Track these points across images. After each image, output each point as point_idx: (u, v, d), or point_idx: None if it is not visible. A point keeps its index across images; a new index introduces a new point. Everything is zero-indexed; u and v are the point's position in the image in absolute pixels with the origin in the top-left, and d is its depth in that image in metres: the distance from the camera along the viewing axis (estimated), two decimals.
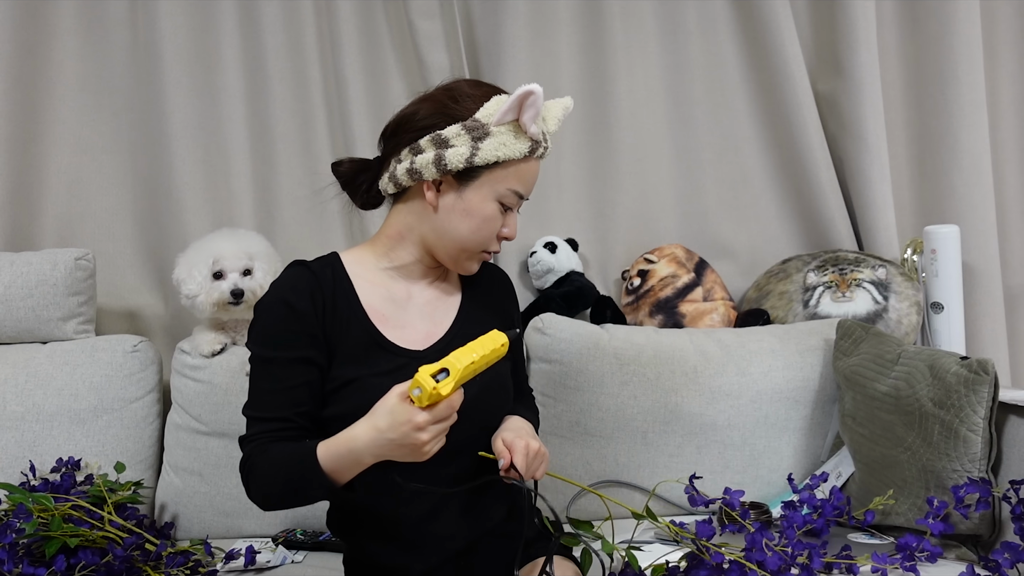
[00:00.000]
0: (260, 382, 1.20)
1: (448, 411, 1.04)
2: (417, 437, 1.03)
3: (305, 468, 1.10)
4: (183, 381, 1.82)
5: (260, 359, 1.20)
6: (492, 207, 1.22)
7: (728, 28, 2.21)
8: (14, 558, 1.38)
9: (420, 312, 1.29)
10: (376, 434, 1.05)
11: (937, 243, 2.04)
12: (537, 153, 1.23)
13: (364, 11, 2.13)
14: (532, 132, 1.20)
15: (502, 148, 1.19)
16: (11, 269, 1.84)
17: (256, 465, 1.16)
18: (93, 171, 2.12)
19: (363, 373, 1.20)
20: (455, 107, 1.21)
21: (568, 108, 1.29)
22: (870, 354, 1.71)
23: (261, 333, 1.20)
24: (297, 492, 1.13)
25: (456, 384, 1.03)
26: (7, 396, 1.76)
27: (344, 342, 1.21)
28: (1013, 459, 1.50)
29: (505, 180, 1.21)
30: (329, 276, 1.24)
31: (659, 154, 2.22)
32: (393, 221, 1.29)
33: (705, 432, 1.82)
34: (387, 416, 1.04)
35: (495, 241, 1.26)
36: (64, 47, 2.09)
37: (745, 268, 2.24)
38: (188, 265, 1.78)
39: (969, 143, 2.17)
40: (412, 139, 1.22)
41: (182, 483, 1.80)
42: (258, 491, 1.17)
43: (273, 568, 1.61)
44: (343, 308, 1.22)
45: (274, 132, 2.13)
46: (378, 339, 1.23)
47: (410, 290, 1.30)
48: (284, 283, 1.22)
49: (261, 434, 1.17)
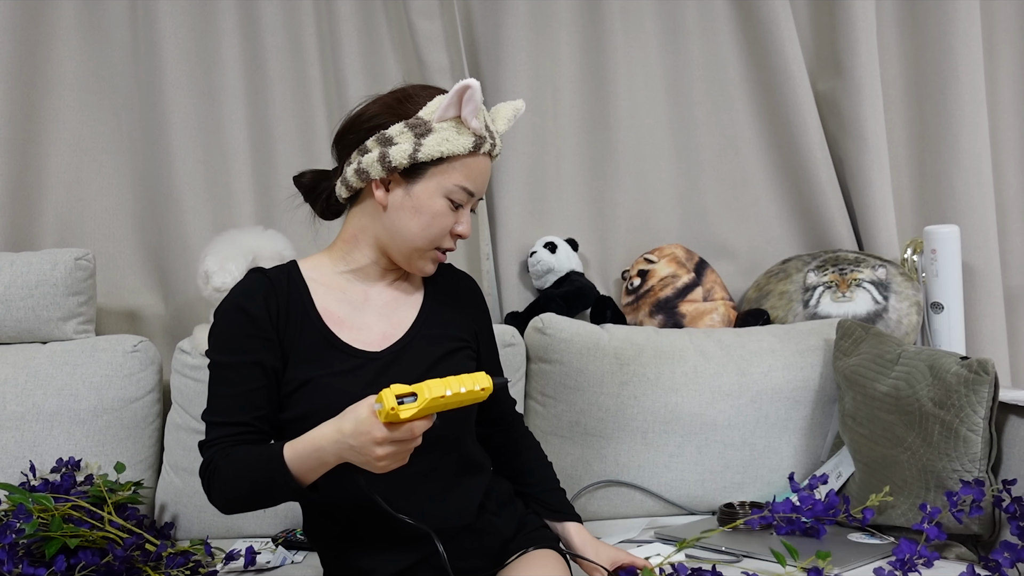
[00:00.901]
0: (218, 387, 1.21)
1: (408, 435, 1.05)
2: (373, 450, 1.04)
3: (272, 469, 1.11)
4: (183, 381, 1.82)
5: (217, 364, 1.22)
6: (440, 203, 1.23)
7: (728, 28, 2.21)
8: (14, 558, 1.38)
9: (378, 313, 1.30)
10: (339, 436, 1.07)
11: (937, 243, 2.04)
12: (483, 149, 1.24)
13: (364, 11, 2.13)
14: (473, 126, 1.22)
15: (444, 143, 1.21)
16: (11, 269, 1.84)
17: (219, 469, 1.16)
18: (93, 171, 2.12)
19: (317, 374, 1.22)
20: (399, 107, 1.24)
21: (519, 110, 1.32)
22: (870, 354, 1.71)
23: (218, 338, 1.22)
24: (262, 493, 1.14)
25: (418, 412, 1.03)
26: (7, 396, 1.76)
27: (297, 345, 1.23)
28: (1013, 459, 1.50)
29: (451, 176, 1.23)
30: (284, 281, 1.26)
31: (659, 154, 2.22)
32: (348, 225, 1.31)
33: (705, 432, 1.82)
34: (352, 422, 1.06)
35: (448, 238, 1.27)
36: (64, 47, 2.09)
37: (745, 268, 2.24)
38: (221, 257, 1.77)
39: (969, 143, 2.17)
40: (359, 140, 1.25)
41: (182, 483, 1.80)
42: (221, 494, 1.17)
43: (273, 568, 1.61)
44: (296, 312, 1.24)
45: (274, 132, 2.13)
46: (332, 340, 1.24)
47: (367, 292, 1.31)
48: (240, 289, 1.24)
49: (221, 439, 1.19)
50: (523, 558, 1.29)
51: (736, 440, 1.82)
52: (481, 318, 1.42)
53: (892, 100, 2.25)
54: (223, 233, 1.85)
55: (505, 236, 2.13)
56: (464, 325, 1.36)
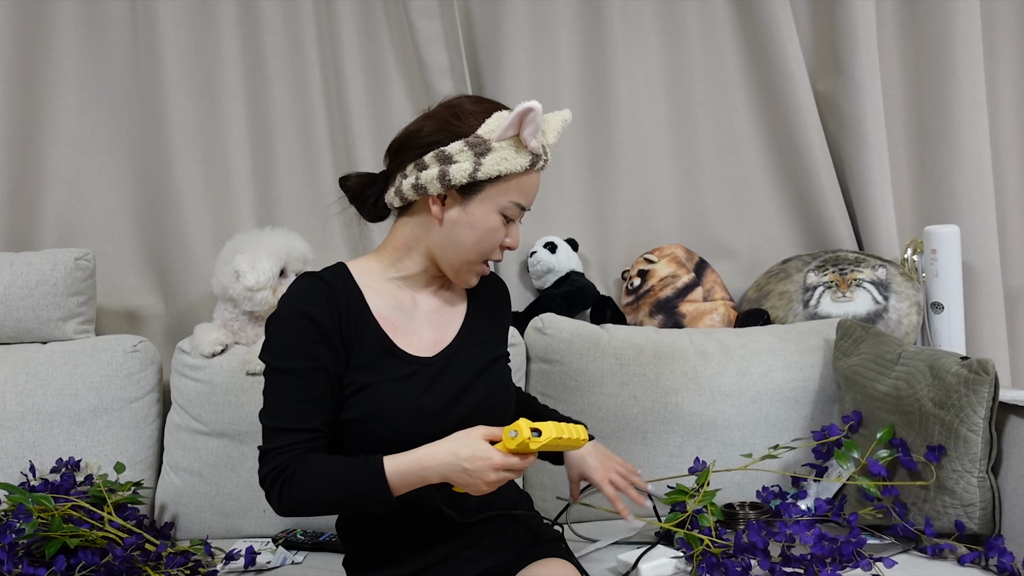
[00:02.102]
0: (284, 393, 1.22)
1: (520, 466, 1.16)
2: (488, 475, 1.15)
3: (370, 482, 1.16)
4: (183, 381, 1.82)
5: (281, 370, 1.22)
6: (495, 219, 1.26)
7: (728, 28, 2.21)
8: (14, 558, 1.38)
9: (427, 320, 1.33)
10: (453, 459, 1.16)
11: (937, 243, 2.04)
12: (538, 166, 1.27)
13: (364, 11, 2.13)
14: (532, 147, 1.24)
15: (504, 163, 1.23)
16: (11, 269, 1.84)
17: (297, 476, 1.18)
18: (93, 171, 2.12)
19: (376, 379, 1.24)
20: (457, 124, 1.25)
21: (567, 121, 1.34)
22: (870, 354, 1.71)
23: (281, 345, 1.23)
24: (351, 503, 1.19)
25: (541, 446, 1.15)
26: (7, 396, 1.76)
27: (358, 350, 1.25)
28: (1013, 459, 1.50)
29: (507, 193, 1.25)
30: (341, 287, 1.27)
31: (659, 154, 2.22)
32: (399, 233, 1.32)
33: (705, 432, 1.81)
34: (469, 448, 1.16)
35: (498, 251, 1.30)
36: (64, 47, 2.09)
37: (745, 268, 2.24)
38: (252, 256, 1.77)
39: (969, 143, 2.16)
40: (417, 155, 1.26)
41: (182, 483, 1.80)
42: (298, 500, 1.19)
43: (273, 568, 1.61)
44: (356, 318, 1.26)
45: (274, 132, 2.13)
46: (389, 346, 1.27)
47: (416, 298, 1.33)
48: (300, 294, 1.24)
49: (293, 445, 1.20)
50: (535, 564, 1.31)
51: (736, 440, 1.82)
52: (509, 321, 1.49)
53: (892, 100, 2.25)
54: (242, 234, 1.85)
55: None
56: (501, 332, 1.43)
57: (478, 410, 1.29)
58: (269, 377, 1.23)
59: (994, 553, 1.41)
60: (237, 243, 1.82)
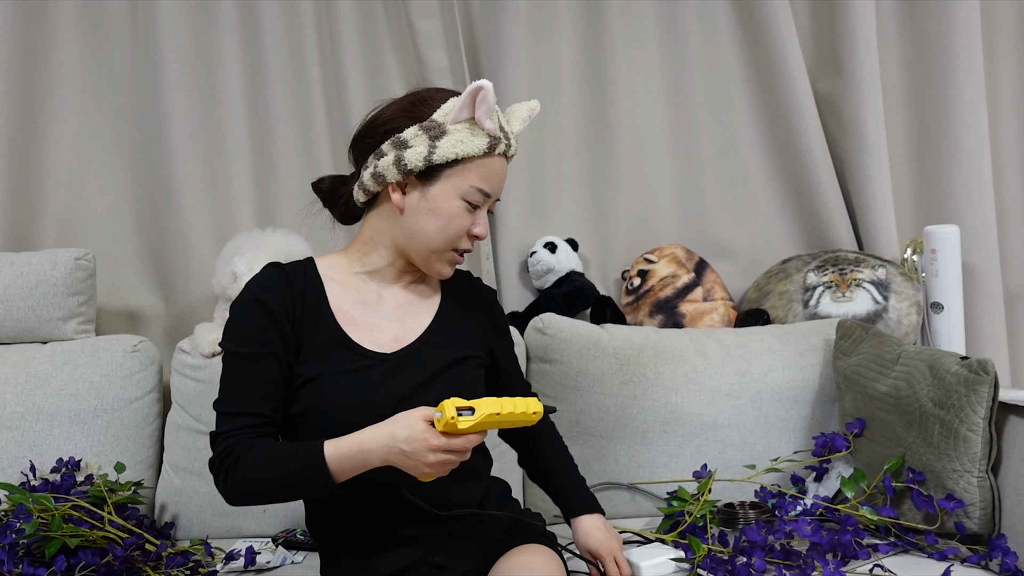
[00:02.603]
0: (236, 377, 1.21)
1: (462, 447, 1.12)
2: (426, 456, 1.11)
3: (309, 466, 1.13)
4: (183, 381, 1.82)
5: (234, 355, 1.22)
6: (457, 204, 1.24)
7: (728, 28, 2.21)
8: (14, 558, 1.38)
9: (391, 315, 1.30)
10: (391, 441, 1.12)
11: (937, 243, 2.04)
12: (498, 150, 1.25)
13: (364, 11, 2.13)
14: (488, 127, 1.22)
15: (459, 145, 1.22)
16: (11, 269, 1.84)
17: (241, 461, 1.16)
18: (93, 171, 2.12)
19: (325, 371, 1.23)
20: (414, 110, 1.25)
21: (534, 111, 1.32)
22: (870, 354, 1.71)
23: (235, 329, 1.23)
24: (291, 488, 1.16)
25: (475, 425, 1.11)
26: (7, 396, 1.76)
27: (309, 341, 1.24)
28: (1013, 459, 1.50)
29: (467, 177, 1.24)
30: (300, 277, 1.27)
31: (659, 154, 2.22)
32: (366, 227, 1.32)
33: (705, 432, 1.82)
34: (407, 429, 1.11)
35: (465, 239, 1.27)
36: (64, 47, 2.09)
37: (745, 268, 2.24)
38: (250, 258, 1.77)
39: (969, 143, 2.16)
40: (375, 144, 1.26)
41: (182, 483, 1.80)
42: (241, 486, 1.17)
43: (273, 568, 1.61)
44: (311, 308, 1.25)
45: (274, 132, 2.13)
46: (343, 339, 1.25)
47: (381, 293, 1.32)
48: (257, 282, 1.25)
49: (240, 430, 1.19)
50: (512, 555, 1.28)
51: (736, 440, 1.82)
52: (498, 332, 1.43)
53: (892, 100, 2.25)
54: (243, 234, 1.85)
55: (505, 236, 2.14)
56: (477, 337, 1.37)
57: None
58: (224, 361, 1.23)
59: (997, 553, 1.41)
60: (238, 243, 1.82)
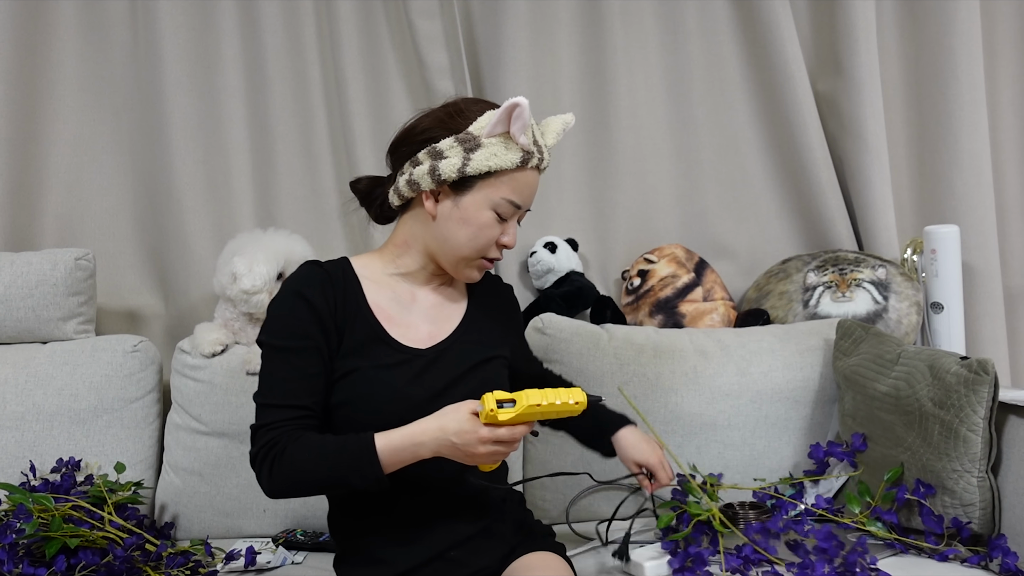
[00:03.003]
0: (278, 371, 1.24)
1: (509, 437, 1.16)
2: (476, 448, 1.16)
3: (360, 458, 1.17)
4: (183, 381, 1.82)
5: (276, 348, 1.25)
6: (487, 215, 1.27)
7: (728, 28, 2.21)
8: (14, 558, 1.38)
9: (424, 314, 1.35)
10: (441, 434, 1.17)
11: (937, 243, 2.04)
12: (531, 163, 1.27)
13: (364, 11, 2.13)
14: (522, 143, 1.25)
15: (493, 158, 1.25)
16: (11, 269, 1.84)
17: (288, 452, 1.19)
18: (93, 171, 2.12)
19: (364, 364, 1.26)
20: (451, 121, 1.27)
21: (568, 123, 1.36)
22: (870, 354, 1.71)
23: (278, 323, 1.26)
24: (340, 480, 1.18)
25: (516, 417, 1.15)
26: (7, 396, 1.76)
27: (350, 336, 1.27)
28: (1013, 459, 1.50)
29: (499, 190, 1.26)
30: (340, 275, 1.30)
31: (659, 154, 2.22)
32: (400, 230, 1.36)
33: (705, 432, 1.81)
34: (456, 422, 1.16)
35: (494, 248, 1.31)
36: (64, 47, 2.09)
37: (745, 268, 2.24)
38: (249, 259, 1.77)
39: (969, 143, 2.16)
40: (412, 152, 1.29)
41: (182, 483, 1.80)
42: (288, 478, 1.19)
43: (273, 568, 1.61)
44: (351, 304, 1.29)
45: (274, 132, 2.13)
46: (381, 335, 1.29)
47: (415, 293, 1.36)
48: (299, 278, 1.28)
49: (284, 422, 1.21)
50: (526, 559, 1.32)
51: (736, 440, 1.82)
52: (516, 329, 1.50)
53: (892, 100, 2.25)
54: (244, 234, 1.85)
55: None
56: (501, 336, 1.42)
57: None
58: (265, 356, 1.26)
59: (997, 553, 1.41)
60: (238, 244, 1.82)
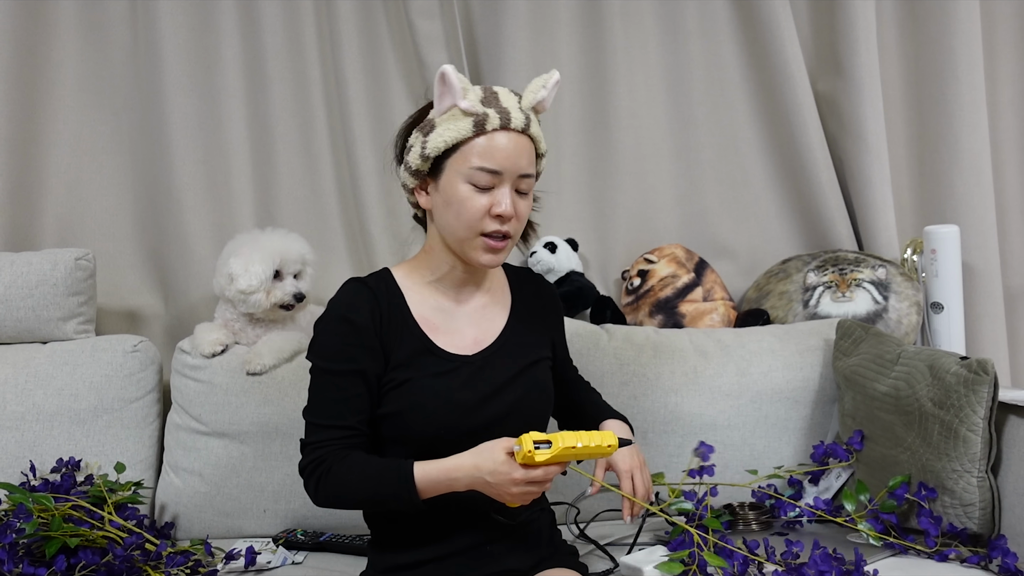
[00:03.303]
0: (325, 392, 1.28)
1: (543, 478, 1.18)
2: (509, 488, 1.18)
3: (399, 485, 1.21)
4: (183, 381, 1.82)
5: (322, 370, 1.29)
6: (464, 189, 1.26)
7: (728, 28, 2.21)
8: (14, 558, 1.38)
9: (468, 319, 1.36)
10: (476, 472, 1.20)
11: (937, 243, 2.04)
12: (489, 125, 1.25)
13: (364, 11, 2.13)
14: (464, 107, 1.25)
15: (445, 133, 1.26)
16: (11, 269, 1.84)
17: (334, 471, 1.25)
18: (93, 171, 2.12)
19: (414, 375, 1.29)
20: (418, 117, 1.33)
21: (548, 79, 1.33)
22: (870, 354, 1.71)
23: (323, 347, 1.29)
24: (380, 501, 1.25)
25: (551, 458, 1.16)
26: (7, 396, 1.76)
27: (398, 350, 1.29)
28: (1013, 459, 1.50)
29: (466, 160, 1.26)
30: (384, 291, 1.32)
31: (659, 154, 2.22)
32: (428, 237, 1.38)
33: (705, 432, 1.81)
34: (491, 462, 1.19)
35: (488, 220, 1.27)
36: (64, 47, 2.09)
37: (745, 268, 2.24)
38: (245, 260, 1.77)
39: (969, 143, 2.16)
40: (398, 156, 1.36)
41: (182, 483, 1.80)
42: (332, 493, 1.26)
43: (273, 568, 1.61)
44: (396, 320, 1.31)
45: (274, 132, 2.13)
46: (429, 346, 1.31)
47: (457, 298, 1.37)
48: (344, 299, 1.31)
49: (331, 441, 1.26)
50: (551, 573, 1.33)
51: (736, 440, 1.82)
52: (558, 326, 1.50)
53: (892, 100, 2.25)
54: (243, 234, 1.85)
55: None
56: (545, 337, 1.44)
57: (514, 409, 1.32)
58: (313, 375, 1.30)
59: (997, 553, 1.41)
60: (236, 244, 1.82)
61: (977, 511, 1.47)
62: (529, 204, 1.31)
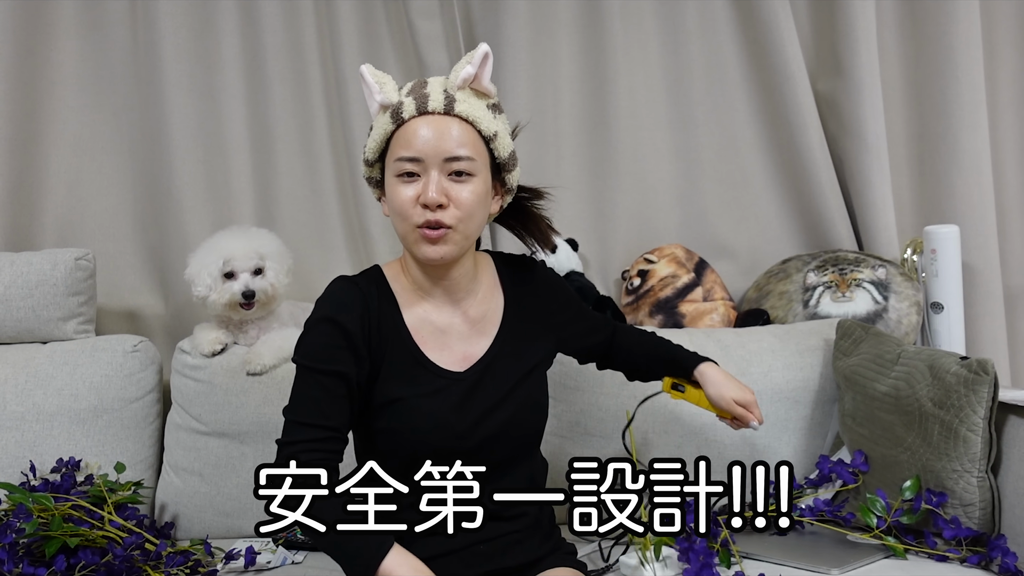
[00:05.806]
0: (307, 390, 1.24)
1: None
2: None
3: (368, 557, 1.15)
4: (183, 381, 1.82)
5: (307, 369, 1.25)
6: (394, 182, 1.24)
7: (728, 28, 2.21)
8: (14, 558, 1.38)
9: (459, 333, 1.32)
10: None
11: (937, 243, 2.04)
12: (404, 114, 1.22)
13: (364, 11, 2.13)
14: (380, 100, 1.24)
15: (373, 132, 1.27)
16: (11, 269, 1.84)
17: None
18: (93, 171, 2.12)
19: (407, 394, 1.26)
20: None
21: (473, 54, 1.23)
22: (870, 354, 1.71)
23: (309, 347, 1.25)
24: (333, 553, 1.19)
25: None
26: (7, 396, 1.76)
27: (389, 360, 1.26)
28: (1013, 459, 1.50)
29: (393, 154, 1.24)
30: (375, 294, 1.28)
31: (659, 154, 2.22)
32: None
33: (705, 432, 1.81)
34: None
35: (417, 211, 1.21)
36: (64, 47, 2.09)
37: (745, 268, 2.24)
38: (199, 265, 1.77)
39: (969, 143, 2.16)
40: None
41: (182, 483, 1.80)
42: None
43: (273, 568, 1.61)
44: (387, 326, 1.27)
45: (274, 132, 2.13)
46: (420, 359, 1.28)
47: (445, 308, 1.32)
48: (332, 300, 1.27)
49: (307, 441, 1.21)
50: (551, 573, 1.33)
51: (736, 440, 1.82)
52: (564, 310, 1.45)
53: (892, 100, 2.25)
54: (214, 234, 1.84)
55: (505, 236, 2.13)
56: (545, 336, 1.40)
57: (506, 429, 1.30)
58: (296, 373, 1.26)
59: (997, 553, 1.41)
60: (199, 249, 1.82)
61: (977, 511, 1.47)
62: (475, 190, 1.22)
